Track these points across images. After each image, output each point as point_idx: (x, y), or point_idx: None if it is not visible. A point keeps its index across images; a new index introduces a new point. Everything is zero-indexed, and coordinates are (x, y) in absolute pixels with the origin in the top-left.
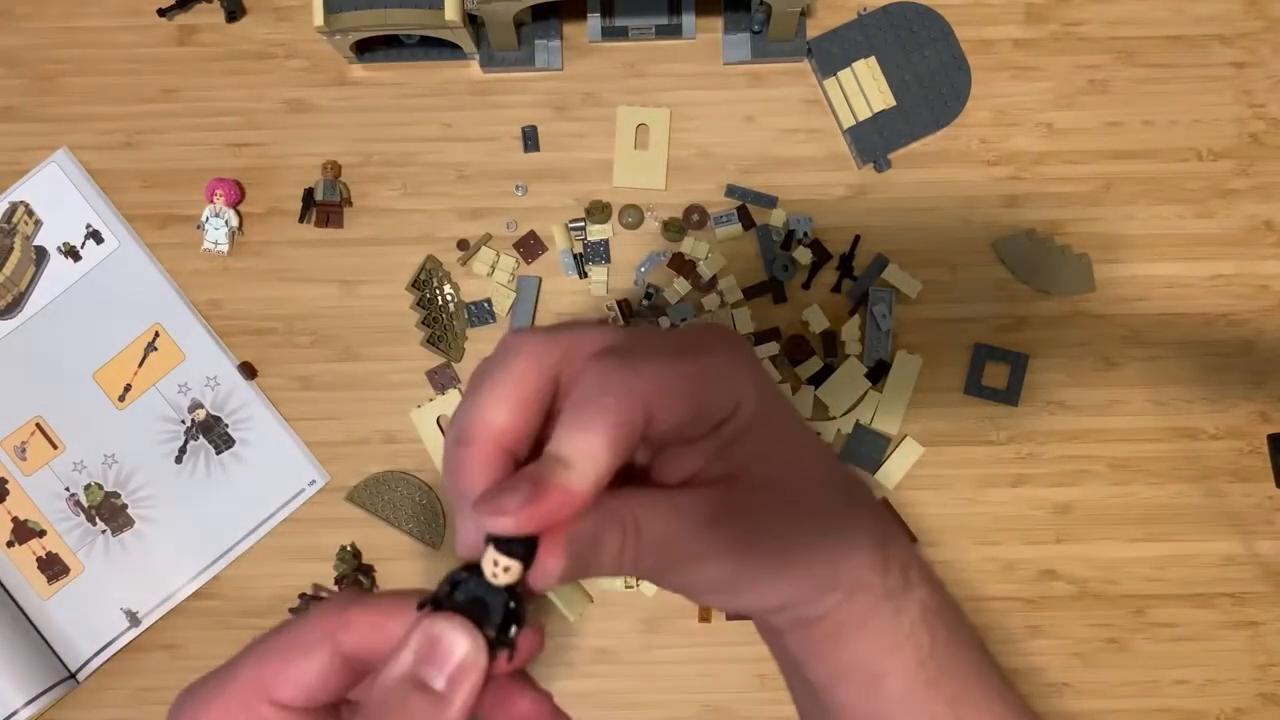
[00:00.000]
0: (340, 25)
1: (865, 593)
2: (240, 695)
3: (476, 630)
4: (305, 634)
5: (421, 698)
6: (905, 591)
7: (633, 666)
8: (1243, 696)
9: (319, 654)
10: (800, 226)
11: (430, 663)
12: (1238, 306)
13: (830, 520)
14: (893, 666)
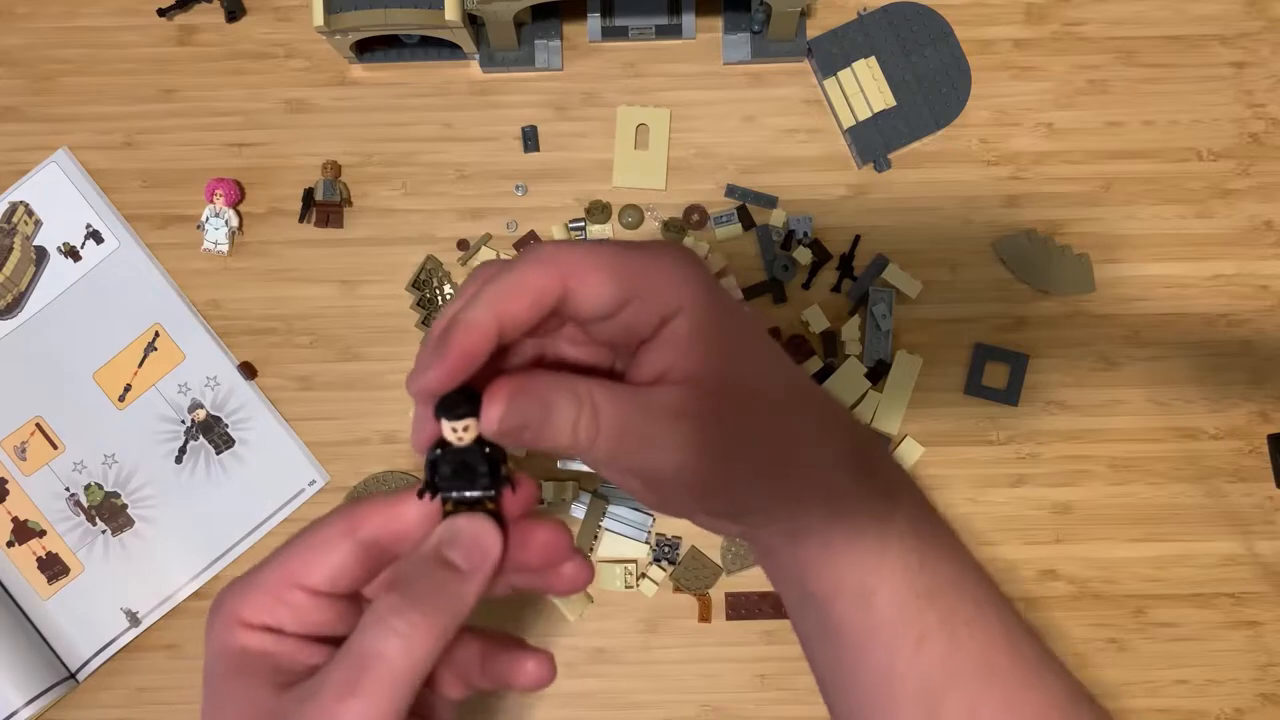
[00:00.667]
0: (340, 25)
1: (849, 512)
2: (273, 587)
3: (494, 524)
4: (327, 531)
5: (447, 572)
6: (893, 514)
7: (633, 666)
8: (1243, 696)
9: (341, 546)
10: (800, 226)
11: (454, 547)
12: (1238, 306)
13: (802, 432)
14: (882, 584)
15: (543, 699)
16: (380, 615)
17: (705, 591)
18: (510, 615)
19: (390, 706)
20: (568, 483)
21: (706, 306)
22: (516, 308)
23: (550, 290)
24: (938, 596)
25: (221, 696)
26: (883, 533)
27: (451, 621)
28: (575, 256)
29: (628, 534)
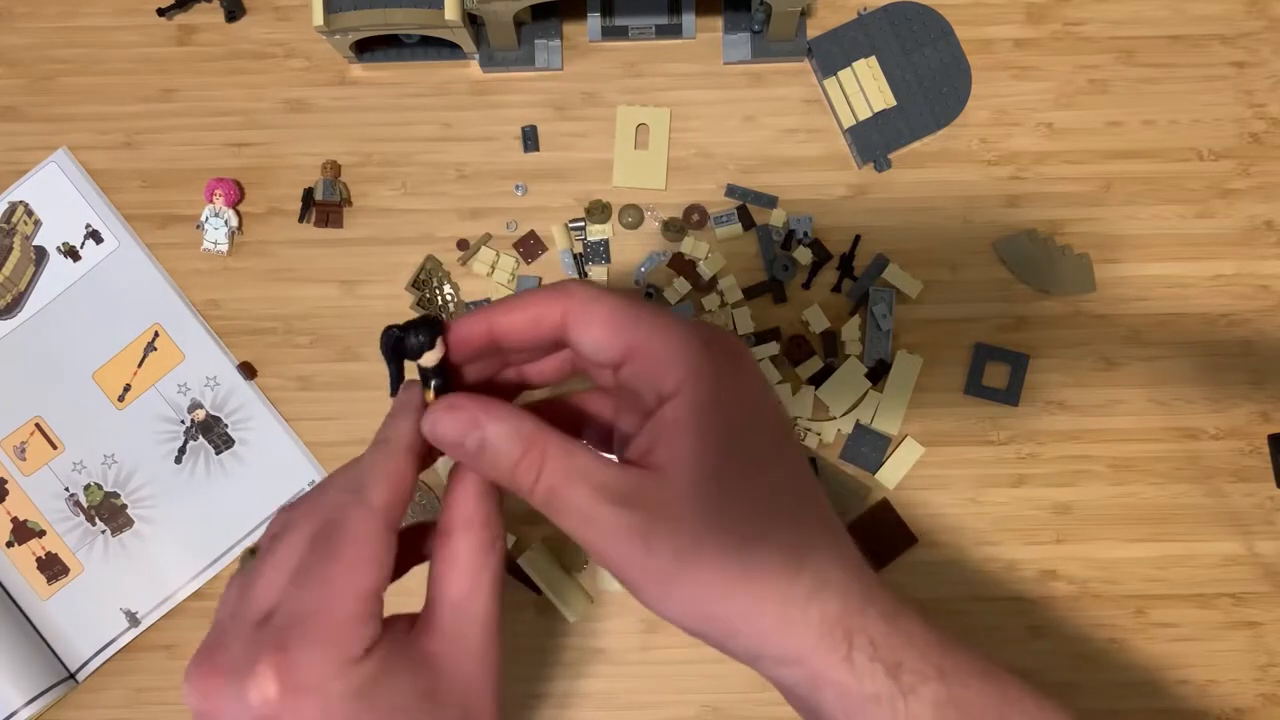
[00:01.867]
0: (340, 25)
1: (831, 688)
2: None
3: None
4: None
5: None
6: (904, 696)
7: (632, 667)
8: (1244, 697)
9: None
10: (800, 226)
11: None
12: (1238, 306)
13: (768, 589)
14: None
15: (543, 699)
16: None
17: None
18: (510, 617)
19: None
20: None
21: (704, 395)
22: (512, 319)
23: (548, 315)
24: None
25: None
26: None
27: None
28: (585, 297)
29: None
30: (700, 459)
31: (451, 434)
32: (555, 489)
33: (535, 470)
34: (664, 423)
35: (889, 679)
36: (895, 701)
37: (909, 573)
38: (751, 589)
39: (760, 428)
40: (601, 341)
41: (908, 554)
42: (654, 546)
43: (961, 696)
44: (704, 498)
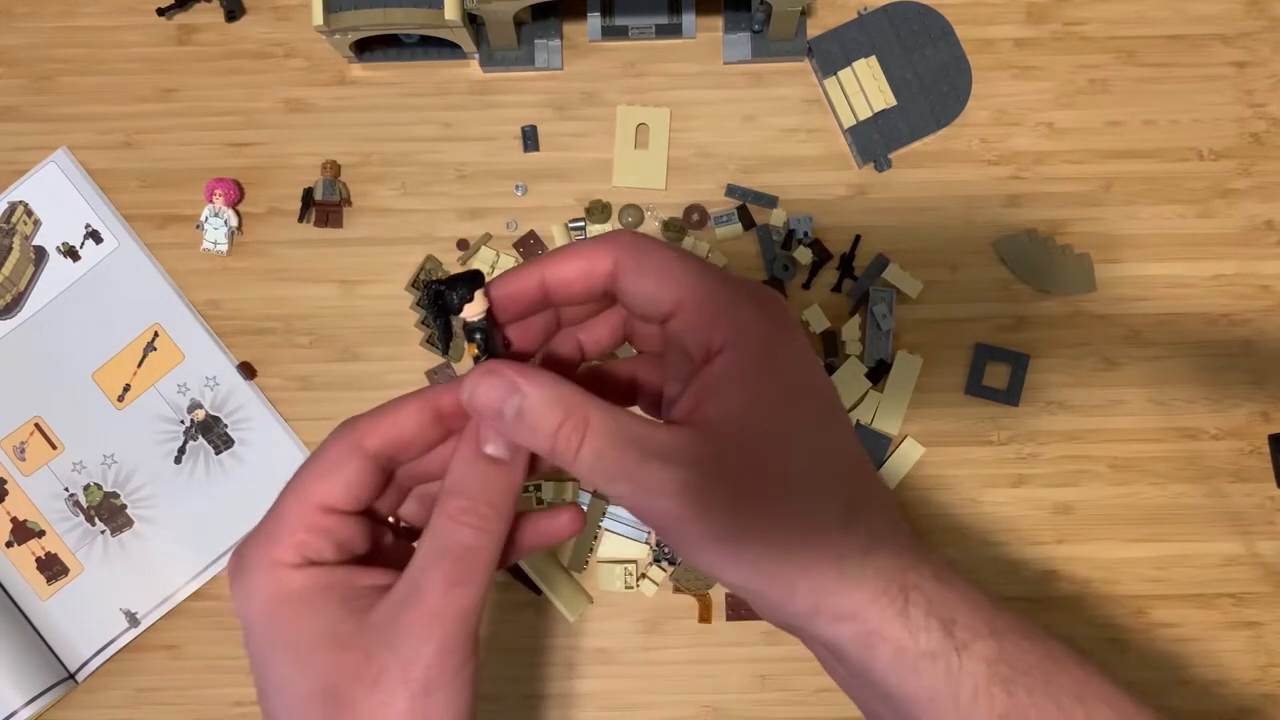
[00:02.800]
0: (340, 24)
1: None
2: (300, 520)
3: None
4: (332, 452)
5: (493, 465)
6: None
7: (633, 667)
8: (1245, 697)
9: (352, 461)
10: (800, 226)
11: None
12: (1239, 306)
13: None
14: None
15: (542, 699)
16: (453, 515)
17: (705, 592)
18: (510, 617)
19: (482, 589)
20: (568, 483)
21: (756, 350)
22: (563, 270)
23: (600, 265)
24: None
25: (290, 642)
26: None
27: (510, 505)
28: (637, 246)
29: (628, 534)
30: (751, 414)
31: (489, 399)
32: (602, 453)
33: (579, 436)
34: (713, 377)
35: (944, 635)
36: (950, 657)
37: None
38: (810, 543)
39: (809, 388)
40: (654, 292)
41: None
42: (710, 504)
43: (1013, 654)
44: (757, 453)
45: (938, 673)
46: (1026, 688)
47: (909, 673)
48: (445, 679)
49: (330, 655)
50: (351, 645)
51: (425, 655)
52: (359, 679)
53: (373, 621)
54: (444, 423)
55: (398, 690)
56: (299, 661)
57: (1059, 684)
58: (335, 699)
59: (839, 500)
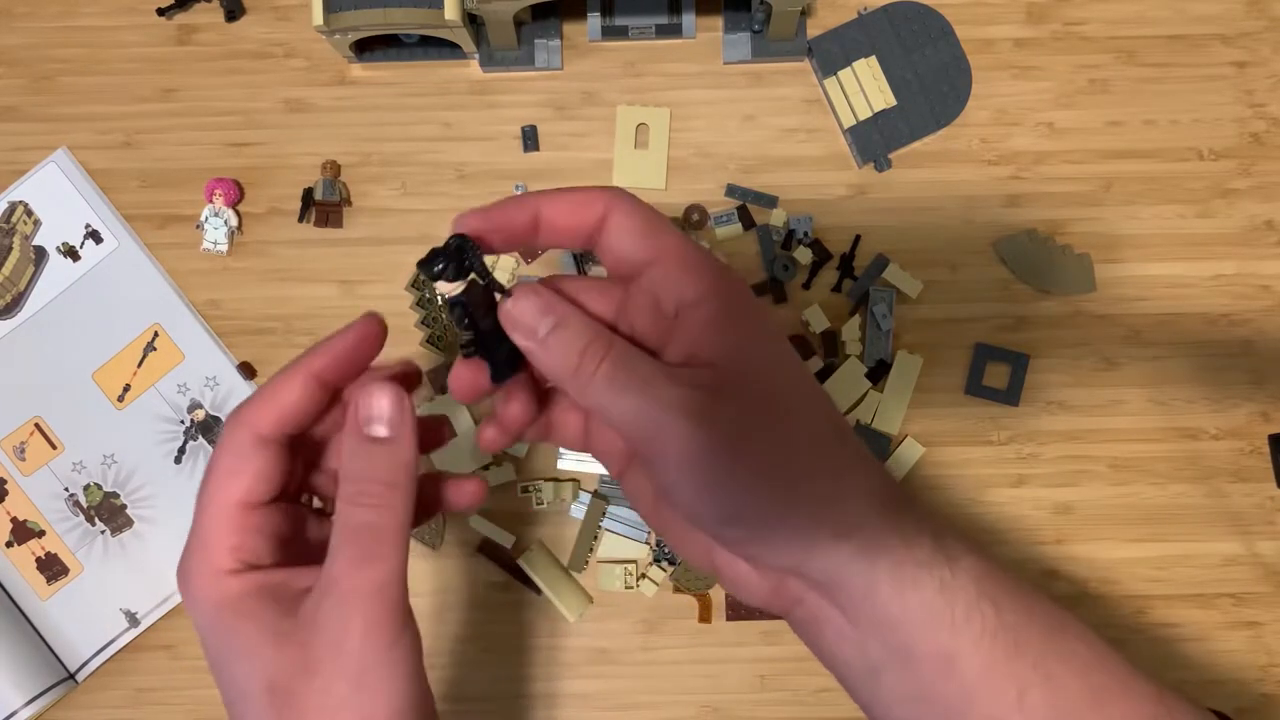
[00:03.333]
0: (340, 24)
1: (887, 555)
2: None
3: (396, 386)
4: (233, 448)
5: (378, 445)
6: (948, 563)
7: (632, 667)
8: (1245, 697)
9: (253, 454)
10: (800, 226)
11: (371, 421)
12: (1239, 306)
13: (822, 452)
14: (962, 645)
15: (542, 699)
16: (350, 499)
17: (705, 592)
18: (510, 617)
19: (395, 561)
20: (567, 483)
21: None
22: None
23: (592, 208)
24: (1025, 643)
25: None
26: (943, 586)
27: (404, 476)
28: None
29: (628, 534)
30: (743, 349)
31: (529, 315)
32: (619, 365)
33: (600, 355)
34: (700, 323)
35: (935, 546)
36: (942, 569)
37: None
38: (812, 451)
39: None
40: (636, 242)
41: None
42: (717, 415)
43: (997, 574)
44: (756, 382)
45: (933, 586)
46: (1011, 608)
47: (908, 588)
48: (378, 655)
49: (272, 652)
50: (289, 640)
51: (352, 636)
52: (299, 671)
53: (303, 615)
54: (327, 386)
55: (334, 675)
56: (246, 663)
57: (1039, 614)
58: (281, 693)
59: (829, 422)
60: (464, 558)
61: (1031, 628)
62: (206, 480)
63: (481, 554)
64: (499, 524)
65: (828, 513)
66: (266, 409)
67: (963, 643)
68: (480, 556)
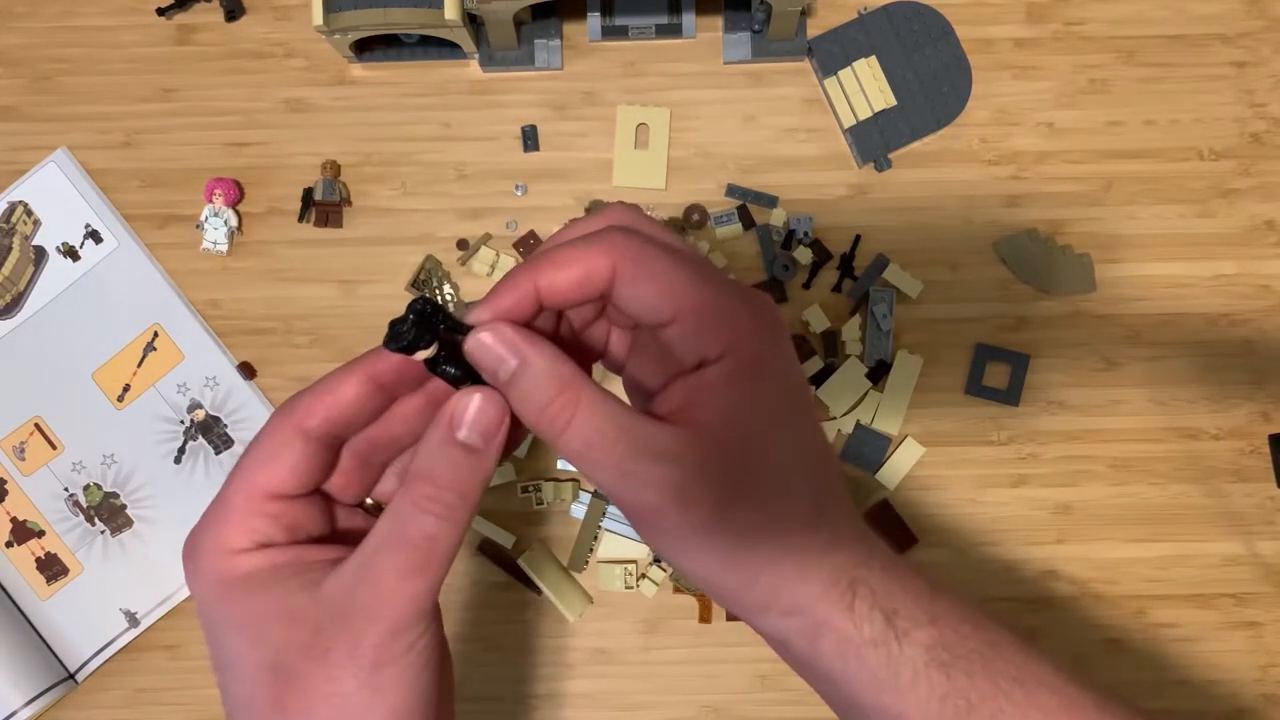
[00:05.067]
0: (340, 24)
1: (831, 633)
2: (246, 507)
3: (501, 397)
4: (274, 437)
5: (465, 453)
6: (896, 639)
7: (632, 667)
8: (1244, 698)
9: (295, 445)
10: (800, 226)
11: (466, 427)
12: (1239, 306)
13: (790, 541)
14: (907, 708)
15: (542, 699)
16: (418, 502)
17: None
18: (510, 617)
19: (440, 575)
20: (567, 483)
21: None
22: (560, 281)
23: (598, 275)
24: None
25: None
26: (891, 659)
27: (478, 495)
28: (636, 252)
29: (628, 534)
30: (738, 420)
31: (489, 356)
32: (589, 438)
33: (567, 415)
34: (706, 383)
35: (885, 625)
36: (890, 645)
37: None
38: (777, 539)
39: (790, 392)
40: (653, 303)
41: (908, 554)
42: (691, 499)
43: (951, 640)
44: (740, 455)
45: (880, 658)
46: (965, 670)
47: (852, 659)
48: (394, 655)
49: (280, 630)
50: (301, 620)
51: (374, 634)
52: (306, 654)
53: (324, 594)
54: (384, 390)
55: (345, 666)
56: (249, 637)
57: (996, 667)
58: (282, 673)
59: (809, 501)
60: (464, 558)
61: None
62: (242, 459)
63: (482, 554)
64: (499, 524)
65: (780, 596)
66: (317, 404)
67: (908, 706)
68: (480, 556)
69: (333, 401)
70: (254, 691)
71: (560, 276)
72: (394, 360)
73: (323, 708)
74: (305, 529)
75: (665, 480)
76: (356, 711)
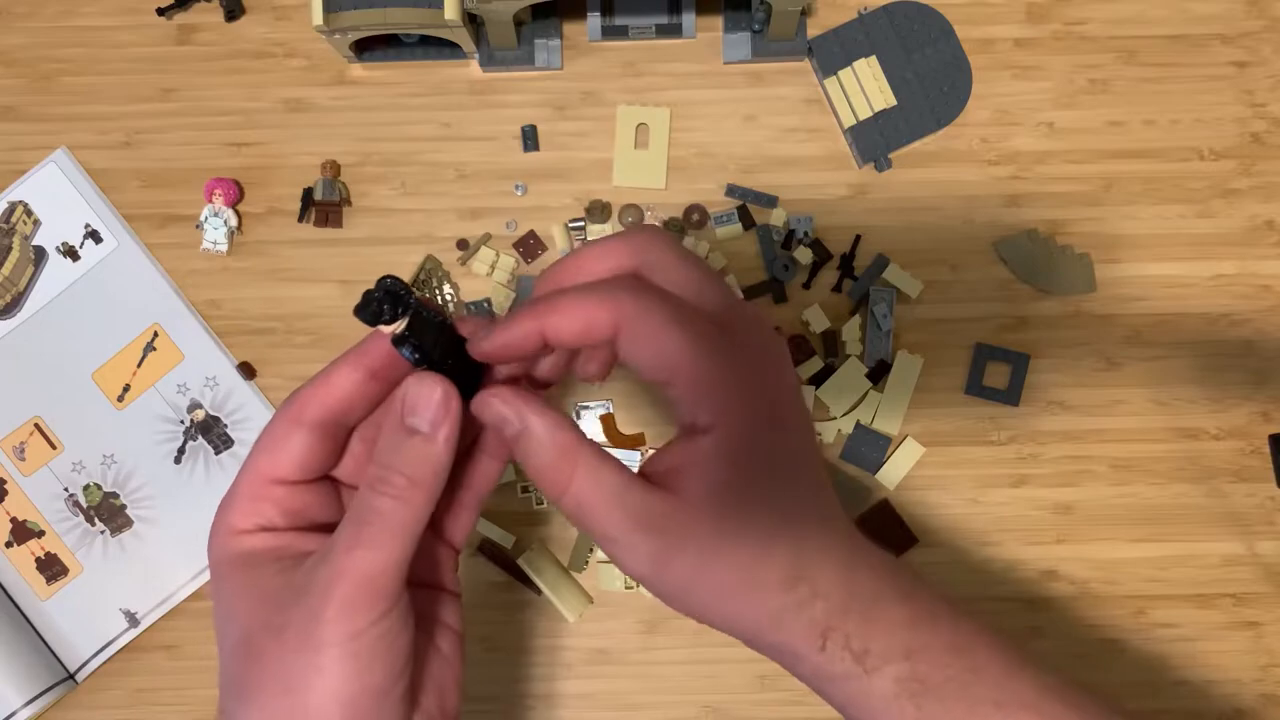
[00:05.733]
0: (339, 24)
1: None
2: (251, 492)
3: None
4: (278, 428)
5: (415, 437)
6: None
7: (632, 667)
8: (1244, 697)
9: (295, 435)
10: (801, 226)
11: (414, 413)
12: (1239, 306)
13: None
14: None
15: (542, 700)
16: (371, 483)
17: None
18: (510, 617)
19: (393, 554)
20: None
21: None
22: (564, 329)
23: (600, 329)
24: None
25: (228, 594)
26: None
27: (431, 475)
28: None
29: None
30: (726, 491)
31: (494, 417)
32: (584, 506)
33: (565, 480)
34: (698, 454)
35: (855, 663)
36: (860, 679)
37: None
38: (753, 597)
39: (785, 446)
40: (650, 363)
41: (908, 554)
42: (674, 565)
43: (924, 671)
44: (723, 522)
45: (851, 689)
46: (939, 698)
47: (826, 685)
48: (342, 637)
49: (252, 607)
50: (270, 600)
51: (325, 612)
52: (268, 630)
53: (293, 578)
54: (379, 378)
55: (296, 644)
56: (231, 613)
57: (976, 693)
58: (250, 648)
59: (787, 565)
60: (464, 558)
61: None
62: (253, 447)
63: (482, 554)
64: (499, 524)
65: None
66: (313, 395)
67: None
68: (480, 556)
69: (328, 391)
70: (229, 665)
71: (565, 324)
72: (385, 349)
73: (273, 685)
74: (311, 514)
75: (649, 551)
76: (297, 689)
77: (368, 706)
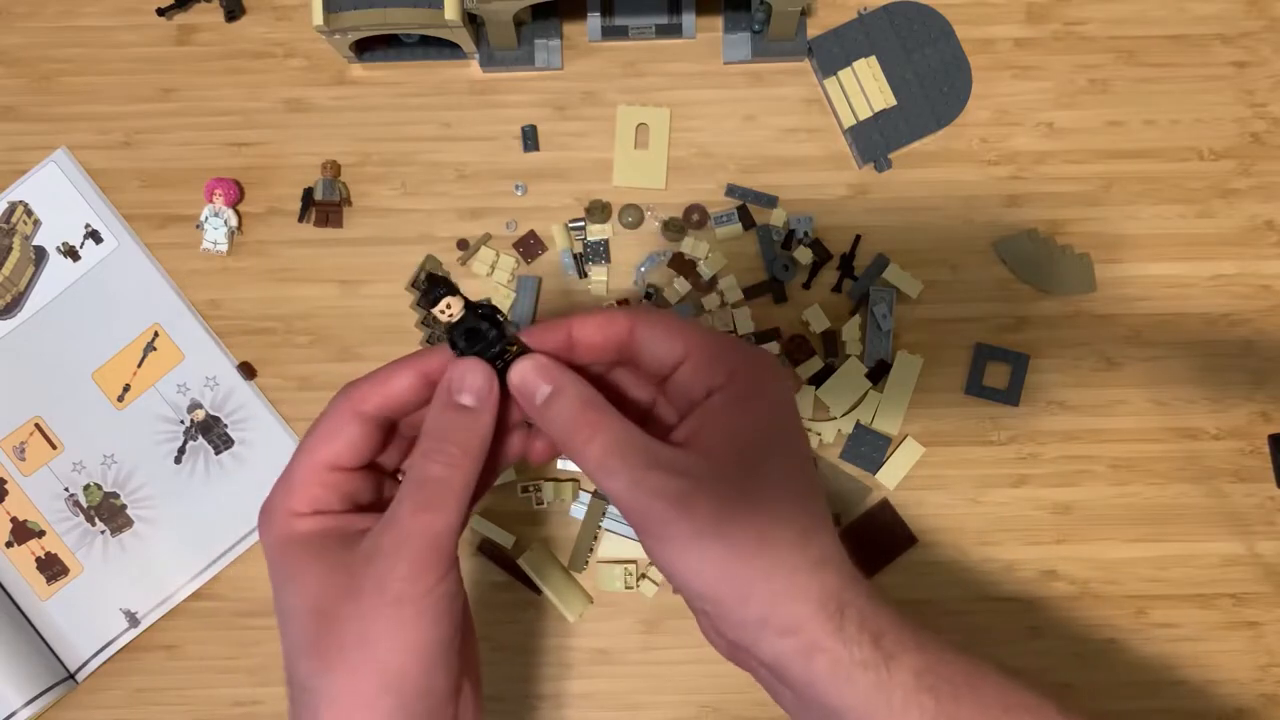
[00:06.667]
0: (340, 24)
1: (824, 654)
2: (308, 478)
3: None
4: (335, 418)
5: (462, 413)
6: (886, 662)
7: (632, 667)
8: (1244, 697)
9: (351, 425)
10: (801, 226)
11: (463, 391)
12: (1239, 306)
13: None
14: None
15: (542, 699)
16: (425, 453)
17: None
18: (510, 617)
19: (451, 517)
20: (567, 484)
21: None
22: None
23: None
24: None
25: (294, 571)
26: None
27: (478, 445)
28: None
29: (628, 534)
30: (738, 441)
31: (530, 381)
32: (610, 450)
33: (591, 431)
34: (710, 408)
35: (873, 647)
36: (879, 669)
37: (909, 573)
38: (769, 553)
39: (785, 419)
40: (666, 343)
41: (908, 554)
42: (693, 507)
43: (938, 666)
44: (738, 473)
45: (870, 682)
46: (953, 696)
47: (844, 682)
48: (417, 593)
49: (324, 578)
50: (341, 569)
51: (398, 571)
52: (343, 595)
53: (360, 548)
54: (431, 383)
55: (374, 602)
56: (300, 587)
57: (984, 693)
58: (324, 615)
59: (800, 521)
60: (465, 558)
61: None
62: (307, 435)
63: (482, 554)
64: (499, 524)
65: (775, 612)
66: (374, 391)
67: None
68: (481, 556)
69: (386, 390)
70: (301, 634)
71: (590, 322)
72: (442, 361)
73: (353, 642)
74: (358, 497)
75: (672, 489)
76: (382, 643)
77: (436, 655)
